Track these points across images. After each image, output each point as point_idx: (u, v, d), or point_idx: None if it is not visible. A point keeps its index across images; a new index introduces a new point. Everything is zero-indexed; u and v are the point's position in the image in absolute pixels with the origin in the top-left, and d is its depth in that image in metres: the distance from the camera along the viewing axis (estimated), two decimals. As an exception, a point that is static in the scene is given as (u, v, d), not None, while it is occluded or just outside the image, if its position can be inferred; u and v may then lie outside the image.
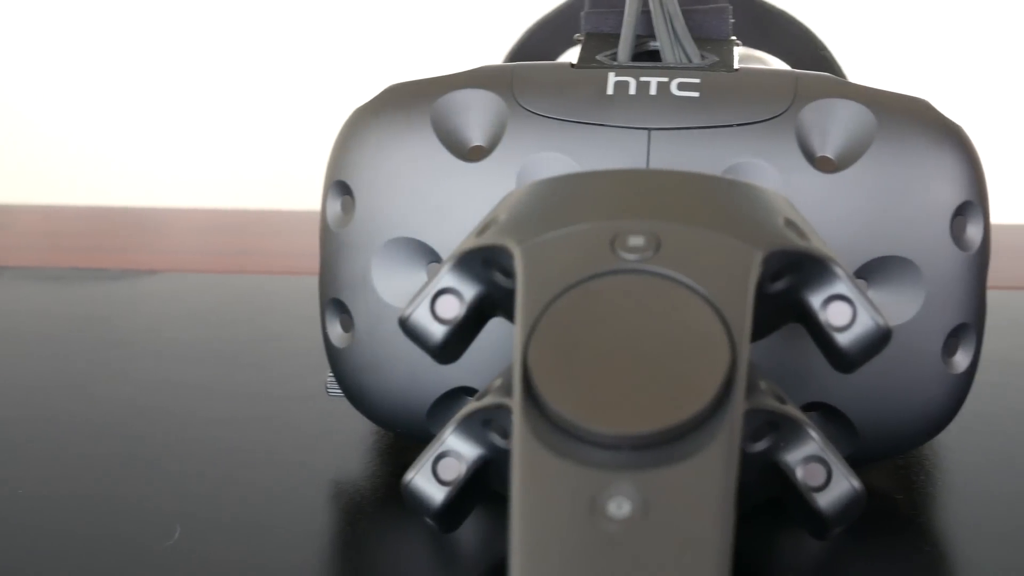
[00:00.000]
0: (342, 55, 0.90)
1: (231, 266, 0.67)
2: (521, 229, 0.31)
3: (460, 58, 0.47)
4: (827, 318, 0.31)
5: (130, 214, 0.84)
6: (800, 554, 0.37)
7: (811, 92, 0.38)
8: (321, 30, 0.90)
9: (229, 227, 0.78)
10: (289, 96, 0.91)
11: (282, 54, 0.91)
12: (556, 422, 0.28)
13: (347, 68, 0.90)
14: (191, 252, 0.71)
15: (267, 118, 0.91)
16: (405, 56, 0.89)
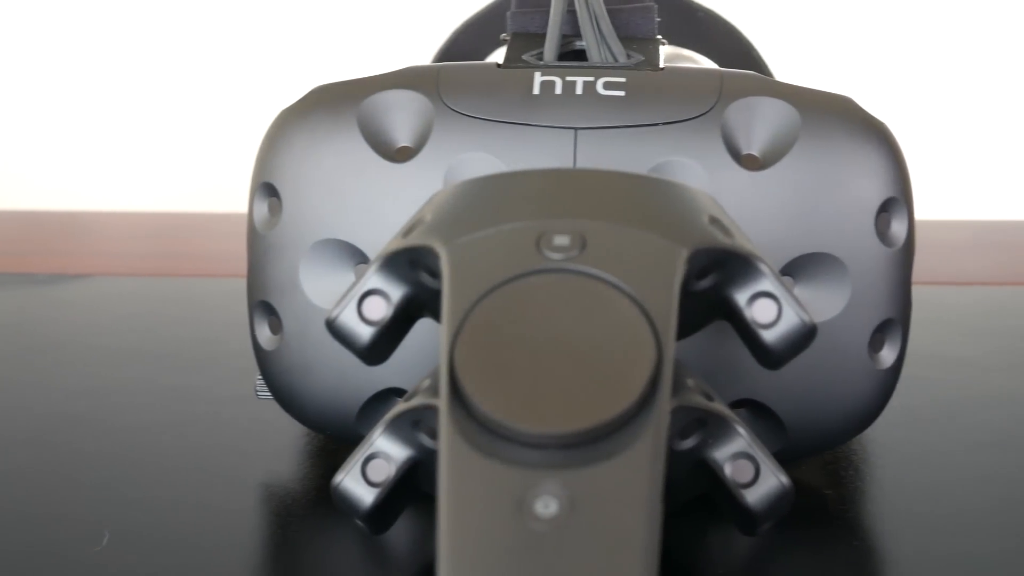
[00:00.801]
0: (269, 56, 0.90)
1: (160, 269, 0.66)
2: (447, 229, 0.31)
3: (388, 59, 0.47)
4: (753, 315, 0.32)
5: (58, 218, 0.83)
6: (730, 550, 0.37)
7: (736, 90, 0.38)
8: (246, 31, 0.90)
9: (158, 230, 0.78)
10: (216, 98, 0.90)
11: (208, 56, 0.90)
12: (482, 422, 0.28)
13: (274, 69, 0.89)
14: (120, 256, 0.71)
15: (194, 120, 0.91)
16: (331, 57, 0.88)
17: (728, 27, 0.55)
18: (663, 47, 0.41)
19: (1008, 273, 0.67)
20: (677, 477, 0.32)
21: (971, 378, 0.49)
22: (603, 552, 0.26)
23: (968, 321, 0.56)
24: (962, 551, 0.36)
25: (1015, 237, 0.75)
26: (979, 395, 0.47)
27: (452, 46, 0.55)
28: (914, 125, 0.85)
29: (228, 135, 0.90)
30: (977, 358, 0.51)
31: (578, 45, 0.41)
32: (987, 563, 0.36)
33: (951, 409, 0.46)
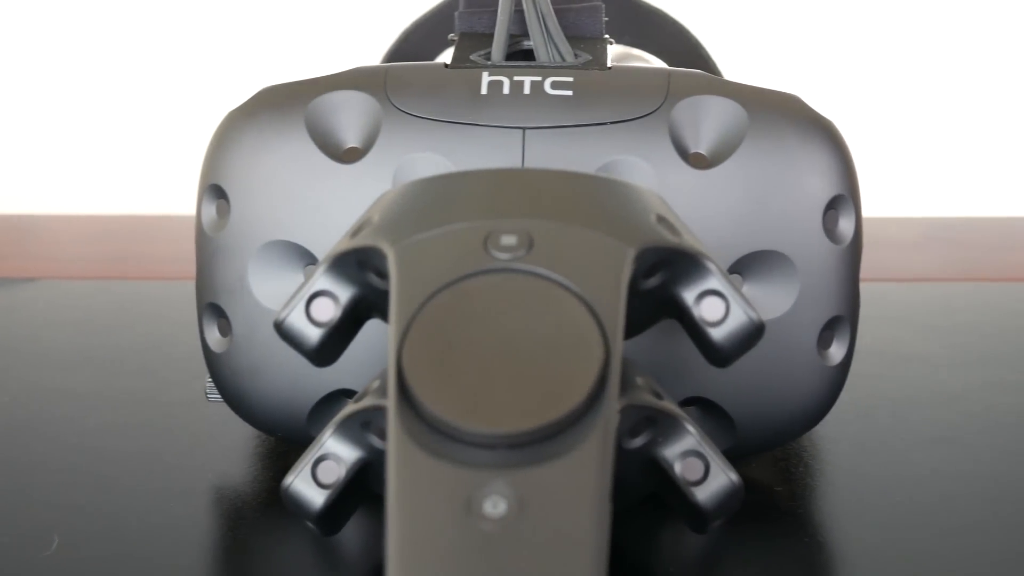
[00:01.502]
0: (216, 58, 0.89)
1: (109, 272, 0.66)
2: (394, 230, 0.31)
3: (337, 60, 0.47)
4: (700, 313, 0.32)
5: (6, 221, 0.82)
6: (681, 548, 0.37)
7: (683, 89, 0.38)
8: (194, 33, 0.90)
9: (106, 233, 0.77)
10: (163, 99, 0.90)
11: (155, 58, 0.90)
12: (431, 422, 0.28)
13: (223, 70, 0.89)
14: (69, 259, 0.70)
15: (142, 122, 0.90)
16: (280, 58, 0.88)
17: (677, 26, 0.55)
18: (611, 46, 0.41)
19: (957, 269, 0.67)
20: (627, 475, 0.32)
21: (920, 374, 0.49)
22: (552, 551, 0.26)
23: (917, 317, 0.56)
24: (912, 546, 0.37)
25: (964, 234, 0.76)
26: (928, 391, 0.47)
27: (401, 46, 0.55)
28: (862, 123, 0.86)
29: (176, 137, 0.89)
30: (926, 354, 0.51)
31: (526, 45, 0.41)
32: (937, 558, 0.36)
33: (900, 405, 0.46)
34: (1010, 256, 0.71)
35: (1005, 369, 0.50)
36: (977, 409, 0.46)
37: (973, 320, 0.56)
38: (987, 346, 0.52)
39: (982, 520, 0.38)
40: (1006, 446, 0.43)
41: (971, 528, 0.38)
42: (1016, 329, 0.55)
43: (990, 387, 0.48)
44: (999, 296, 0.60)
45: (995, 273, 0.66)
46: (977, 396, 0.47)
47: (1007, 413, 0.46)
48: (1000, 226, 0.79)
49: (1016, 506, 0.39)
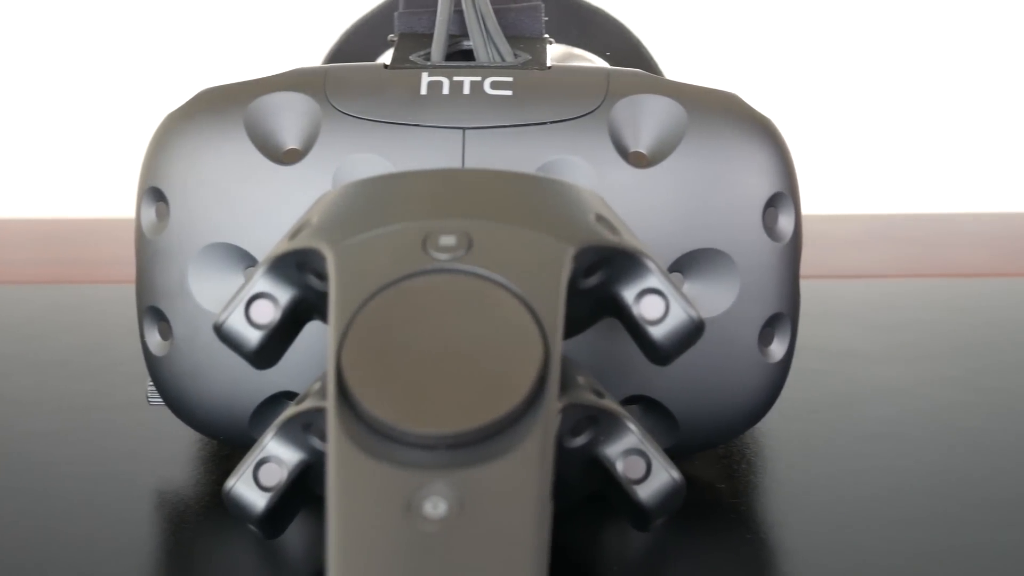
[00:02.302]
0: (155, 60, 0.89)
1: (50, 276, 0.65)
2: (333, 231, 0.31)
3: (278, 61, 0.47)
4: (640, 312, 0.32)
5: (-53, 226, 0.82)
6: (624, 547, 0.37)
7: (622, 88, 0.38)
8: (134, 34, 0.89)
9: (47, 237, 0.77)
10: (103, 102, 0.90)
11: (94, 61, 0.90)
12: (371, 424, 0.28)
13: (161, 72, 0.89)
14: (9, 263, 0.70)
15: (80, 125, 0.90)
16: (220, 60, 0.88)
17: (617, 25, 0.55)
18: (552, 46, 0.41)
19: (898, 266, 0.68)
20: (569, 474, 0.32)
21: (862, 370, 0.49)
22: (492, 551, 0.26)
23: (858, 314, 0.56)
24: (853, 542, 0.37)
25: (906, 231, 0.76)
26: (870, 387, 0.48)
27: (343, 47, 0.55)
28: (804, 121, 0.86)
29: (115, 140, 0.89)
30: (867, 351, 0.51)
31: (465, 45, 0.41)
32: (879, 553, 0.36)
33: (842, 401, 0.46)
34: (951, 252, 0.72)
35: (946, 364, 0.50)
36: (918, 404, 0.46)
37: (915, 316, 0.57)
38: (928, 342, 0.53)
39: (924, 515, 0.38)
40: (947, 441, 0.43)
41: (913, 523, 0.38)
42: (957, 325, 0.56)
43: (931, 382, 0.48)
44: (940, 292, 0.61)
45: (936, 269, 0.67)
46: (918, 391, 0.47)
47: (948, 408, 0.46)
48: (941, 222, 0.79)
49: (958, 500, 0.39)
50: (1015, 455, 0.42)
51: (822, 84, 0.88)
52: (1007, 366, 0.50)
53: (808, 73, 0.88)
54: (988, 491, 0.40)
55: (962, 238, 0.75)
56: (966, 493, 0.40)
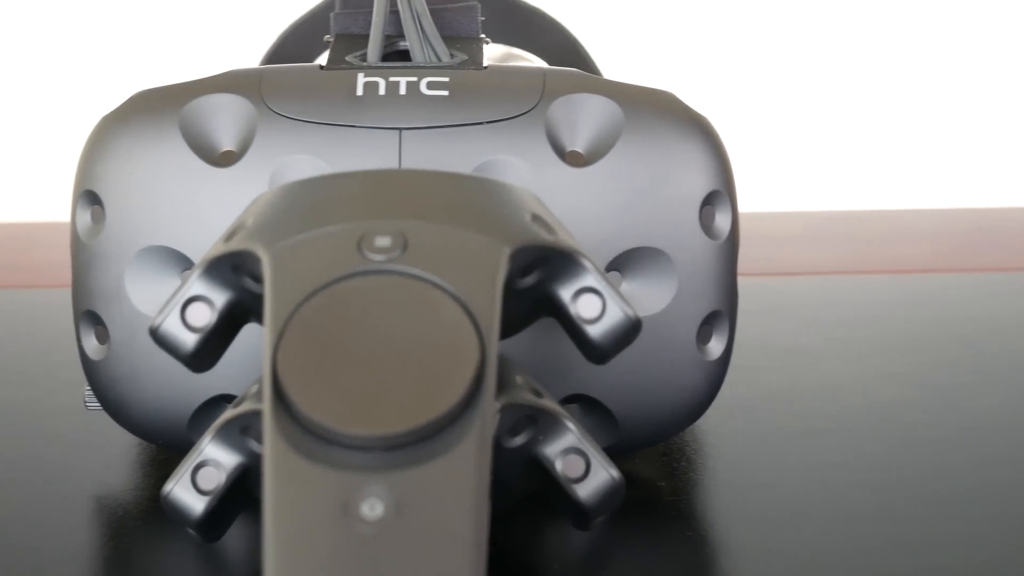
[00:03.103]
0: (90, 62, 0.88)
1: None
2: (268, 233, 0.31)
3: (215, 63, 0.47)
4: (577, 311, 0.32)
5: None
6: (565, 545, 0.37)
7: (559, 88, 0.38)
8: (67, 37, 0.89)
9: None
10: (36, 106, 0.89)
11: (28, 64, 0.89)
12: (307, 426, 0.28)
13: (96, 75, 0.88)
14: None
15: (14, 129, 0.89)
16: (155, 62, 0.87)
17: (555, 25, 0.55)
18: (493, 47, 0.41)
19: (838, 263, 0.68)
20: (509, 474, 0.32)
21: (802, 367, 0.50)
22: (430, 552, 0.26)
23: (799, 311, 0.56)
24: (794, 539, 0.37)
25: (849, 227, 0.77)
26: (810, 384, 0.48)
27: (280, 48, 0.55)
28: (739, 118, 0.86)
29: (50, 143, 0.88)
30: (808, 347, 0.52)
31: (402, 46, 0.40)
32: (820, 549, 0.36)
33: (782, 398, 0.46)
34: (894, 249, 0.72)
35: (887, 360, 0.50)
36: (859, 401, 0.46)
37: (857, 312, 0.57)
38: (870, 338, 0.53)
39: (865, 510, 0.38)
40: (888, 437, 0.43)
41: (854, 518, 0.38)
42: (898, 321, 0.56)
43: (872, 378, 0.48)
44: (883, 288, 0.61)
45: (879, 265, 0.67)
46: (859, 388, 0.48)
47: (889, 404, 0.46)
48: (884, 219, 0.80)
49: (899, 496, 0.39)
50: (957, 450, 0.42)
51: (760, 82, 0.88)
52: (949, 361, 0.51)
53: (746, 71, 0.88)
54: (930, 486, 0.40)
55: (905, 234, 0.75)
56: (908, 489, 0.40)
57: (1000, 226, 0.77)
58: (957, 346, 0.52)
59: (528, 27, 0.55)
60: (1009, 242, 0.73)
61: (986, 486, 0.40)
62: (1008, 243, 0.73)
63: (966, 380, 0.48)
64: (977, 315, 0.57)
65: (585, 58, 0.54)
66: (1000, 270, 0.65)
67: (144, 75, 0.60)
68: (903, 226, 0.77)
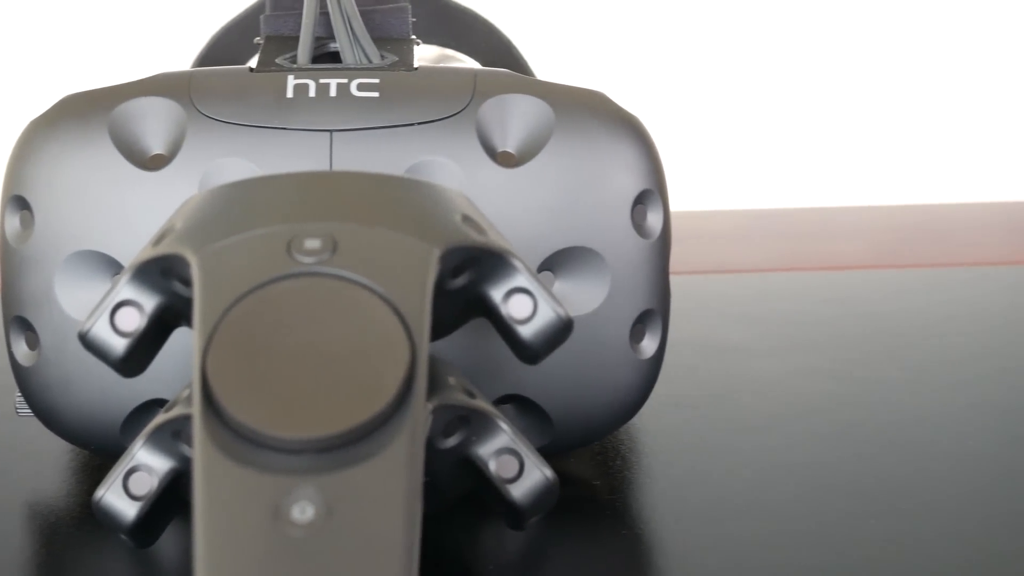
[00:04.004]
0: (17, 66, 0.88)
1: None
2: (197, 237, 0.31)
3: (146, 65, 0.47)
4: (509, 311, 0.32)
5: None
6: (500, 545, 0.37)
7: (489, 88, 0.38)
8: None
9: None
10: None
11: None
12: (237, 430, 0.27)
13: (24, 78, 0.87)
14: None
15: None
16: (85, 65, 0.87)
17: (487, 26, 0.55)
18: (427, 48, 0.41)
19: (771, 260, 0.68)
20: (443, 475, 0.32)
21: (736, 364, 0.50)
22: (361, 555, 0.26)
23: (732, 308, 0.57)
24: (728, 535, 0.37)
25: (780, 224, 0.77)
26: (743, 380, 0.48)
27: (211, 51, 0.54)
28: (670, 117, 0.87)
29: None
30: (742, 344, 0.52)
31: (332, 47, 0.40)
32: (755, 545, 0.37)
33: (716, 395, 0.47)
34: (826, 246, 0.72)
35: (819, 357, 0.51)
36: (792, 397, 0.47)
37: (788, 309, 0.57)
38: (802, 334, 0.53)
39: (798, 506, 0.39)
40: (821, 432, 0.44)
41: (787, 515, 0.38)
42: (830, 317, 0.56)
43: (805, 375, 0.49)
44: (815, 285, 0.62)
45: (812, 263, 0.68)
46: (792, 384, 0.48)
47: (822, 400, 0.46)
48: (815, 216, 0.80)
49: (831, 490, 0.40)
50: (888, 445, 0.43)
51: (691, 81, 0.89)
52: (881, 357, 0.51)
53: (677, 70, 0.89)
54: (861, 480, 0.40)
55: (837, 231, 0.76)
56: (839, 483, 0.40)
57: (931, 223, 0.78)
58: (889, 342, 0.53)
59: (460, 28, 0.55)
60: (940, 239, 0.74)
61: (916, 479, 0.40)
62: (939, 240, 0.74)
63: (897, 375, 0.49)
64: (909, 311, 0.57)
65: (517, 59, 0.54)
66: (931, 266, 0.65)
67: (73, 79, 0.59)
68: (835, 223, 0.78)
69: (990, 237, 0.74)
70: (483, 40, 0.54)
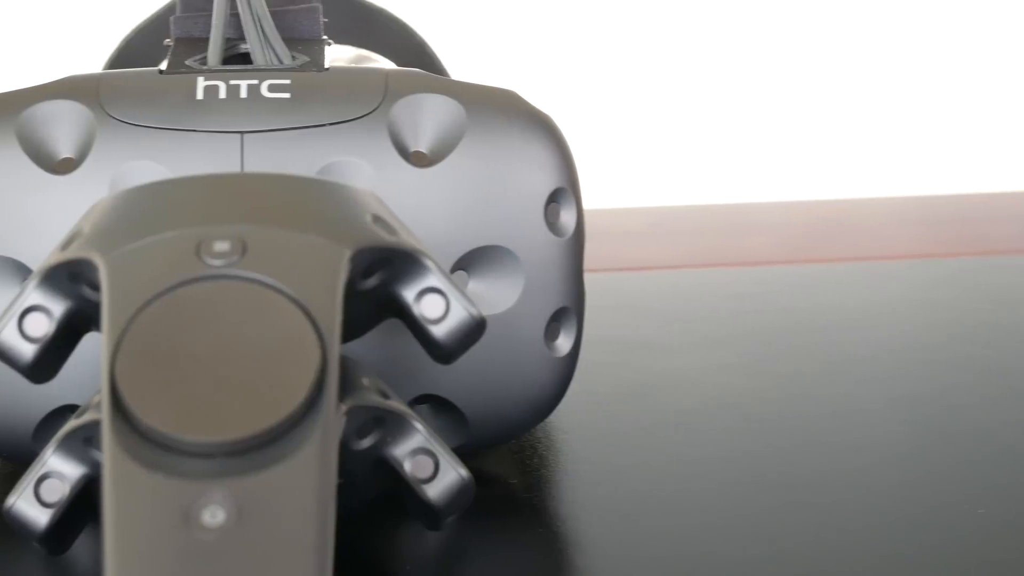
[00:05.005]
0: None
1: None
2: (106, 241, 0.30)
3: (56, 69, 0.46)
4: (421, 311, 0.32)
5: None
6: (417, 546, 0.37)
7: (401, 88, 0.38)
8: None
9: None
10: None
11: None
12: (146, 435, 0.27)
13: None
14: None
15: None
16: None
17: (401, 25, 0.55)
18: (341, 48, 0.41)
19: (685, 257, 0.69)
20: (358, 476, 0.32)
21: (651, 360, 0.50)
22: (272, 558, 0.25)
23: (646, 306, 0.57)
24: (645, 531, 0.37)
25: (691, 222, 0.77)
26: (658, 378, 0.48)
27: (123, 53, 0.54)
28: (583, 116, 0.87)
29: None
30: (656, 341, 0.52)
31: (243, 48, 0.40)
32: (672, 541, 0.37)
33: (632, 393, 0.47)
34: (740, 242, 0.73)
35: (734, 352, 0.51)
36: (707, 393, 0.47)
37: (704, 306, 0.57)
38: (716, 330, 0.54)
39: (713, 501, 0.39)
40: (735, 427, 0.44)
41: (702, 509, 0.38)
42: (745, 312, 0.56)
43: (720, 370, 0.49)
44: (730, 281, 0.62)
45: (726, 259, 0.68)
46: (707, 380, 0.48)
47: (736, 395, 0.47)
48: (730, 213, 0.81)
49: (746, 485, 0.40)
50: (800, 439, 0.43)
51: (604, 79, 0.89)
52: (795, 351, 0.51)
53: (590, 69, 0.89)
54: (777, 475, 0.41)
55: (751, 227, 0.76)
56: (753, 478, 0.40)
57: (842, 218, 0.79)
58: (801, 336, 0.53)
59: (374, 28, 0.55)
60: (851, 233, 0.74)
61: (829, 473, 0.41)
62: (850, 234, 0.74)
63: (809, 369, 0.49)
64: (820, 306, 0.58)
65: (432, 58, 0.54)
66: (842, 261, 0.66)
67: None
68: (748, 219, 0.78)
69: (900, 231, 0.74)
70: (397, 40, 0.54)
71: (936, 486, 0.40)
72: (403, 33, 0.55)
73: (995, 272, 0.63)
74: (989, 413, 0.45)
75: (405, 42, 0.55)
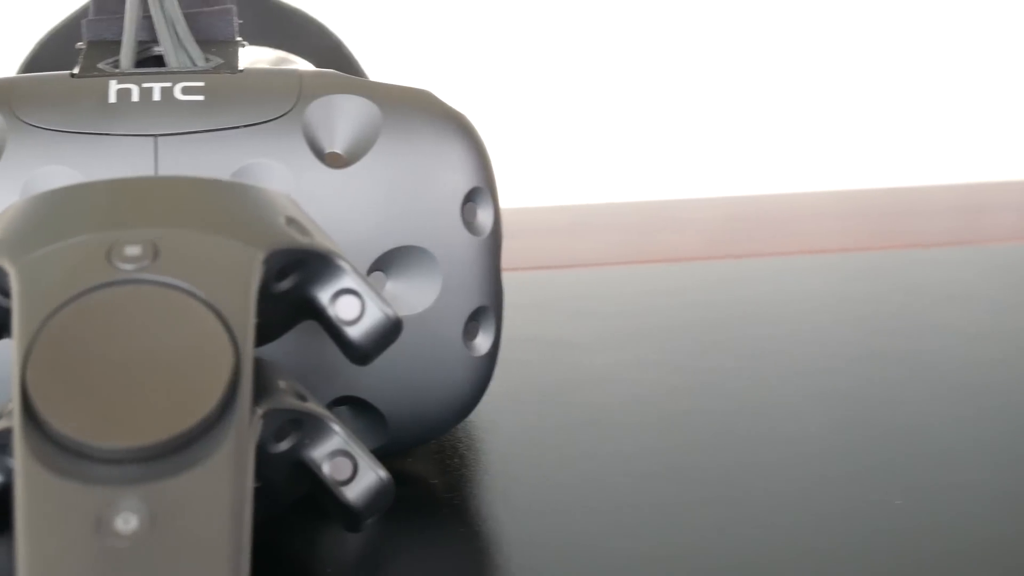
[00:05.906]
0: None
1: None
2: (15, 246, 0.30)
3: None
4: (336, 313, 0.32)
5: None
6: (338, 547, 0.37)
7: (315, 89, 0.38)
8: None
9: None
10: None
11: None
12: (58, 442, 0.27)
13: None
14: None
15: None
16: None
17: (317, 25, 0.55)
18: (260, 50, 0.41)
19: (604, 254, 0.69)
20: (276, 480, 0.32)
21: (570, 359, 0.50)
22: (186, 564, 0.25)
23: (565, 303, 0.57)
24: (567, 529, 0.37)
25: (609, 219, 0.77)
26: (578, 376, 0.48)
27: (37, 57, 0.53)
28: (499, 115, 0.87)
29: None
30: (575, 339, 0.52)
31: (156, 51, 0.40)
32: (591, 538, 0.37)
33: (551, 391, 0.47)
34: (659, 238, 0.73)
35: (654, 349, 0.51)
36: (628, 390, 0.47)
37: (623, 303, 0.57)
38: (637, 327, 0.54)
39: (635, 499, 0.39)
40: (656, 425, 0.44)
41: (624, 507, 0.38)
42: (665, 309, 0.57)
43: (640, 367, 0.49)
44: (649, 278, 0.62)
45: (645, 256, 0.68)
46: (628, 377, 0.48)
47: (657, 392, 0.47)
48: (648, 209, 0.81)
49: (668, 482, 0.40)
50: (721, 434, 0.43)
51: (520, 78, 0.89)
52: (715, 347, 0.52)
53: (506, 67, 0.89)
54: (698, 471, 0.41)
55: (671, 223, 0.76)
56: (676, 475, 0.40)
57: (764, 212, 0.79)
58: (724, 332, 0.53)
59: (290, 29, 0.54)
60: (773, 228, 0.75)
61: (750, 467, 0.41)
62: (772, 229, 0.75)
63: (731, 365, 0.49)
64: (744, 301, 0.58)
65: (348, 59, 0.54)
66: (765, 255, 0.66)
67: None
68: (669, 215, 0.78)
69: (823, 225, 0.75)
70: (314, 41, 0.54)
71: (853, 479, 0.40)
72: (319, 34, 0.55)
73: (914, 265, 0.64)
74: (907, 406, 0.46)
75: (321, 43, 0.55)
